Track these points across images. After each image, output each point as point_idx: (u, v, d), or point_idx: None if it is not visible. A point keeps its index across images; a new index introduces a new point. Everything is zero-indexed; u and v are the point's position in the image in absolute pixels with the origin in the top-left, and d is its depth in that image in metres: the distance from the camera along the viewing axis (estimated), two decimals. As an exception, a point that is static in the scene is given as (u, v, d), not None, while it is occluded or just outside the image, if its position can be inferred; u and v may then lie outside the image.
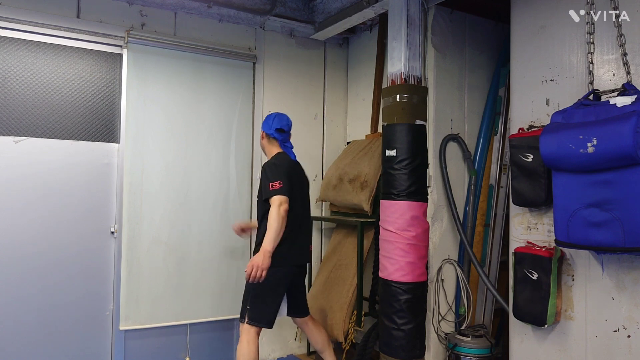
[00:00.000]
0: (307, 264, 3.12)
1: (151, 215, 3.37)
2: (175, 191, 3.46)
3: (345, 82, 4.26)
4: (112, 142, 3.37)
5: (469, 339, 2.89)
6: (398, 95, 2.96)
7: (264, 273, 2.69)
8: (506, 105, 3.24)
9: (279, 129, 2.99)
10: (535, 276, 2.35)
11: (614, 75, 2.18)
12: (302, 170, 3.09)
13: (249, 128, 3.77)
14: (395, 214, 2.89)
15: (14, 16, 3.02)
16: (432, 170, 3.12)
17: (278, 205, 2.72)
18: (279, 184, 2.77)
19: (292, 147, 3.08)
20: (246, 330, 2.81)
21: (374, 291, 3.39)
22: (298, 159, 3.78)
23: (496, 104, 3.33)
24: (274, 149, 3.02)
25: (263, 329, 2.88)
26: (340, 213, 3.86)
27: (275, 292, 2.85)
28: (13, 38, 3.07)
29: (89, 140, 3.28)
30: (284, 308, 3.02)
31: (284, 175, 2.82)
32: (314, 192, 4.00)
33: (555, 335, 2.39)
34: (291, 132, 3.08)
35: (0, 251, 3.02)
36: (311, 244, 3.08)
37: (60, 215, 3.18)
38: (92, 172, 3.29)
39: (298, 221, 2.91)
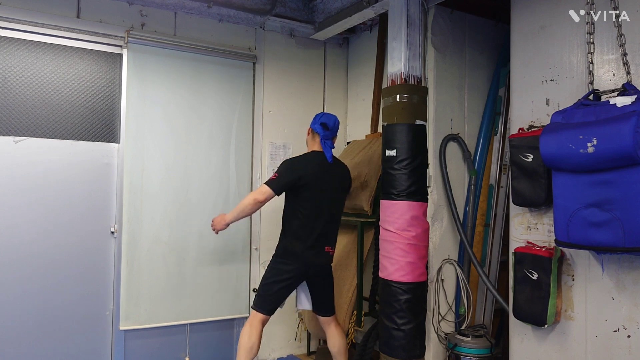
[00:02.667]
0: (328, 267, 3.12)
1: (151, 215, 3.37)
2: (175, 191, 3.46)
3: (345, 82, 4.26)
4: (112, 142, 3.37)
5: (469, 339, 2.89)
6: (398, 95, 2.96)
7: (215, 231, 3.07)
8: (506, 105, 3.24)
9: (323, 123, 3.09)
10: (535, 276, 2.34)
11: (614, 75, 2.18)
12: (337, 173, 3.11)
13: (249, 128, 3.77)
14: (395, 214, 2.89)
15: (14, 16, 3.02)
16: (432, 170, 3.12)
17: (257, 191, 2.94)
18: (275, 175, 2.96)
19: (333, 147, 3.14)
20: (252, 315, 2.98)
21: (374, 291, 3.39)
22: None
23: (496, 104, 3.33)
24: (312, 146, 3.14)
25: (269, 321, 3.04)
26: (340, 213, 3.85)
27: (279, 283, 2.95)
28: (13, 38, 3.07)
29: (89, 140, 3.28)
30: (306, 302, 3.15)
31: (289, 171, 2.96)
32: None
33: (555, 335, 2.39)
34: (337, 133, 3.18)
35: (0, 251, 3.02)
36: (330, 246, 3.04)
37: (60, 215, 3.18)
38: (92, 172, 3.29)
39: (309, 222, 2.95)
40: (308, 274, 3.01)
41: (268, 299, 2.96)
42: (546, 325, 2.34)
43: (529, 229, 2.50)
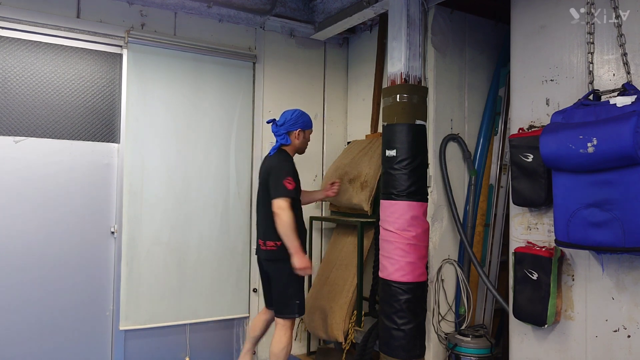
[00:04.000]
0: (269, 263, 3.05)
1: (151, 216, 3.37)
2: (175, 191, 3.46)
3: (345, 82, 4.26)
4: (112, 142, 3.37)
5: (469, 339, 2.89)
6: (398, 95, 2.96)
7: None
8: (506, 105, 3.24)
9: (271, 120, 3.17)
10: (535, 276, 2.35)
11: (614, 75, 2.18)
12: (266, 165, 3.09)
13: (249, 128, 3.77)
14: (395, 214, 2.89)
15: (14, 16, 3.02)
16: (432, 170, 3.12)
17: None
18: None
19: (277, 142, 3.09)
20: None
21: (374, 291, 3.39)
22: (298, 159, 3.91)
23: (496, 104, 3.33)
24: None
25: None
26: (340, 213, 3.86)
27: None
28: (13, 38, 3.07)
29: (89, 140, 3.28)
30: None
31: None
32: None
33: (555, 335, 2.39)
34: (292, 126, 3.06)
35: (0, 251, 3.02)
36: (260, 238, 3.04)
37: (60, 215, 3.18)
38: (92, 172, 3.29)
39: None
40: (261, 267, 3.16)
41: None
42: (546, 325, 2.34)
43: (529, 229, 2.50)
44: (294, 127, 3.05)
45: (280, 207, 2.83)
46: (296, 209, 2.96)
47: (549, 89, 2.45)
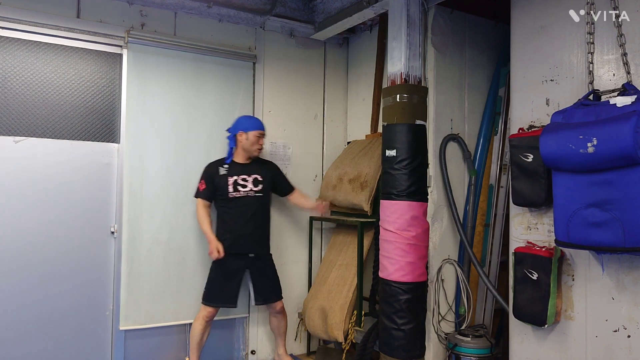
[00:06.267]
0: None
1: (151, 215, 3.37)
2: (175, 191, 3.46)
3: (345, 82, 4.26)
4: (112, 142, 3.36)
5: (469, 339, 2.89)
6: (398, 95, 2.96)
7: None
8: (506, 105, 3.24)
9: None
10: (535, 276, 2.35)
11: (614, 75, 2.18)
12: None
13: (249, 128, 3.77)
14: (395, 214, 2.89)
15: (14, 16, 3.02)
16: (432, 170, 3.12)
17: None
18: None
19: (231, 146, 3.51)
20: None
21: (374, 291, 3.39)
22: (299, 159, 3.95)
23: (496, 104, 3.33)
24: None
25: (269, 322, 3.65)
26: (340, 213, 3.86)
27: None
28: (13, 38, 3.07)
29: (89, 140, 3.28)
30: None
31: None
32: (314, 192, 4.00)
33: (555, 335, 2.39)
34: (229, 131, 3.51)
35: (0, 251, 3.02)
36: None
37: (60, 215, 3.18)
38: (92, 172, 3.29)
39: None
40: None
41: None
42: (546, 325, 2.34)
43: (529, 229, 2.50)
44: (235, 130, 3.42)
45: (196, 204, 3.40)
46: (223, 209, 3.37)
47: (549, 89, 2.45)
